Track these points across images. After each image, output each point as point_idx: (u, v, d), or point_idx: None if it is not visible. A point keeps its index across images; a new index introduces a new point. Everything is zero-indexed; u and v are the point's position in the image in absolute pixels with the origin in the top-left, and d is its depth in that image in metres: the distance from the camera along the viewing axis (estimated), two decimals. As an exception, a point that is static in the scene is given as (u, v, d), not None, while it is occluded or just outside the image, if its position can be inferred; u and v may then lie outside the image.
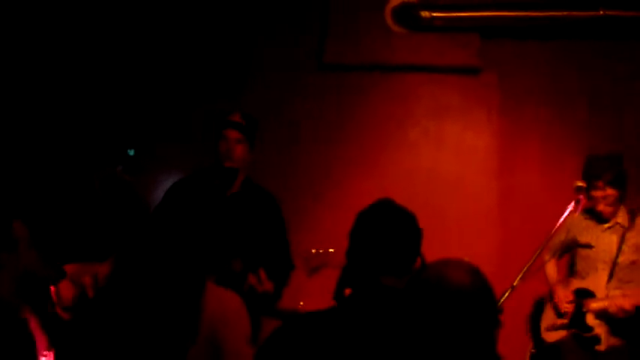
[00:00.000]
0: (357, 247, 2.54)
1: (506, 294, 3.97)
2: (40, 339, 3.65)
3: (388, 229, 2.55)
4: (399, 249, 2.52)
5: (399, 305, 2.22)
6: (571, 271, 5.17)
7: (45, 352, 3.87)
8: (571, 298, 4.97)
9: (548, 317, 5.10)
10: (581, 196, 4.60)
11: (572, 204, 4.55)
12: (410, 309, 2.16)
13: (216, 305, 3.30)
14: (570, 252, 5.18)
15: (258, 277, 4.60)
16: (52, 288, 4.20)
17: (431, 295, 2.13)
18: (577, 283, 5.02)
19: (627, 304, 4.72)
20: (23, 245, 3.51)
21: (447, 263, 2.25)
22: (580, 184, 4.68)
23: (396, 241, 2.52)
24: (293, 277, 5.29)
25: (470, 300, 2.12)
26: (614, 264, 4.87)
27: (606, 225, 4.96)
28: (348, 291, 2.55)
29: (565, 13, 6.23)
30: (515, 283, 4.07)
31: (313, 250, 4.58)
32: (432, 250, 5.64)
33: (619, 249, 4.87)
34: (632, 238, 4.90)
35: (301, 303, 5.04)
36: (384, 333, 2.28)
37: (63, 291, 4.29)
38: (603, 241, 4.96)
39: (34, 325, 3.53)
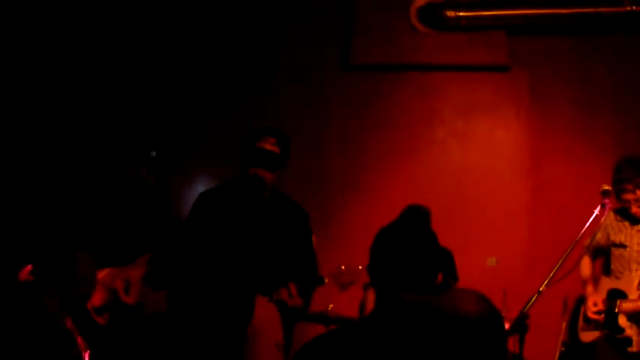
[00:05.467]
0: (378, 264, 2.64)
1: (533, 299, 3.97)
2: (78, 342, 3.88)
3: (408, 247, 2.63)
4: (418, 267, 2.60)
5: (415, 330, 2.41)
6: (607, 270, 5.12)
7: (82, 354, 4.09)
8: (600, 306, 4.93)
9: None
10: (607, 200, 4.49)
11: (599, 208, 4.46)
12: (423, 336, 2.35)
13: (258, 315, 3.56)
14: (605, 251, 5.12)
15: (289, 292, 4.52)
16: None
17: (443, 323, 2.31)
18: (610, 283, 4.99)
19: None
20: (83, 274, 3.74)
21: (458, 292, 2.42)
22: (606, 187, 4.56)
23: (415, 260, 2.60)
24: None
25: (479, 328, 2.30)
26: (649, 264, 4.83)
27: None
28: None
29: (591, 9, 6.21)
30: (541, 289, 4.03)
31: (342, 267, 4.59)
32: (462, 248, 5.81)
33: None
34: None
35: (330, 306, 5.17)
36: (402, 351, 2.46)
37: (94, 296, 4.48)
38: (637, 241, 4.94)
39: (73, 330, 3.75)
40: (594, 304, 4.98)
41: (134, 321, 4.52)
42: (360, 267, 4.60)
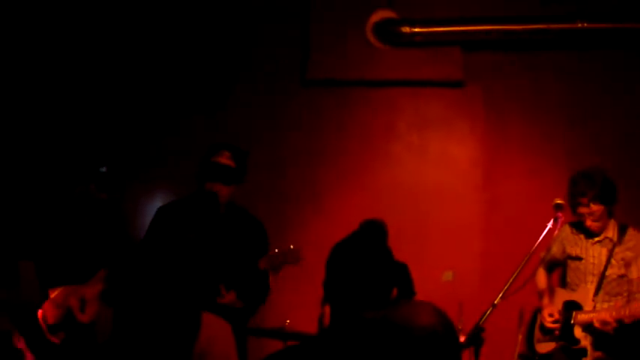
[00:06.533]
0: (333, 280, 2.63)
1: (487, 312, 4.02)
2: (30, 363, 3.80)
3: (362, 263, 2.62)
4: (373, 283, 2.60)
5: (370, 346, 2.40)
6: (563, 282, 5.19)
7: None
8: (556, 316, 5.00)
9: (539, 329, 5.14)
10: (560, 214, 4.58)
11: (552, 221, 4.55)
12: (380, 351, 2.35)
13: (208, 330, 3.52)
14: (561, 264, 5.20)
15: (219, 291, 4.62)
16: (39, 312, 4.33)
17: (399, 336, 2.31)
18: (566, 295, 5.06)
19: (609, 316, 4.75)
20: (26, 283, 3.66)
21: (413, 304, 2.42)
22: (559, 201, 4.66)
23: (369, 275, 2.60)
24: (280, 295, 5.43)
25: (433, 341, 2.29)
26: (603, 277, 4.92)
27: (596, 238, 5.00)
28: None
29: (544, 26, 6.33)
30: (496, 302, 4.09)
31: (276, 250, 4.74)
32: (417, 262, 5.83)
33: (607, 262, 4.93)
34: (620, 252, 4.94)
35: (287, 321, 5.15)
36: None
37: (47, 313, 4.41)
38: (592, 254, 5.01)
39: (25, 350, 3.67)
40: (550, 314, 5.05)
41: (89, 339, 4.46)
42: (291, 246, 4.76)
